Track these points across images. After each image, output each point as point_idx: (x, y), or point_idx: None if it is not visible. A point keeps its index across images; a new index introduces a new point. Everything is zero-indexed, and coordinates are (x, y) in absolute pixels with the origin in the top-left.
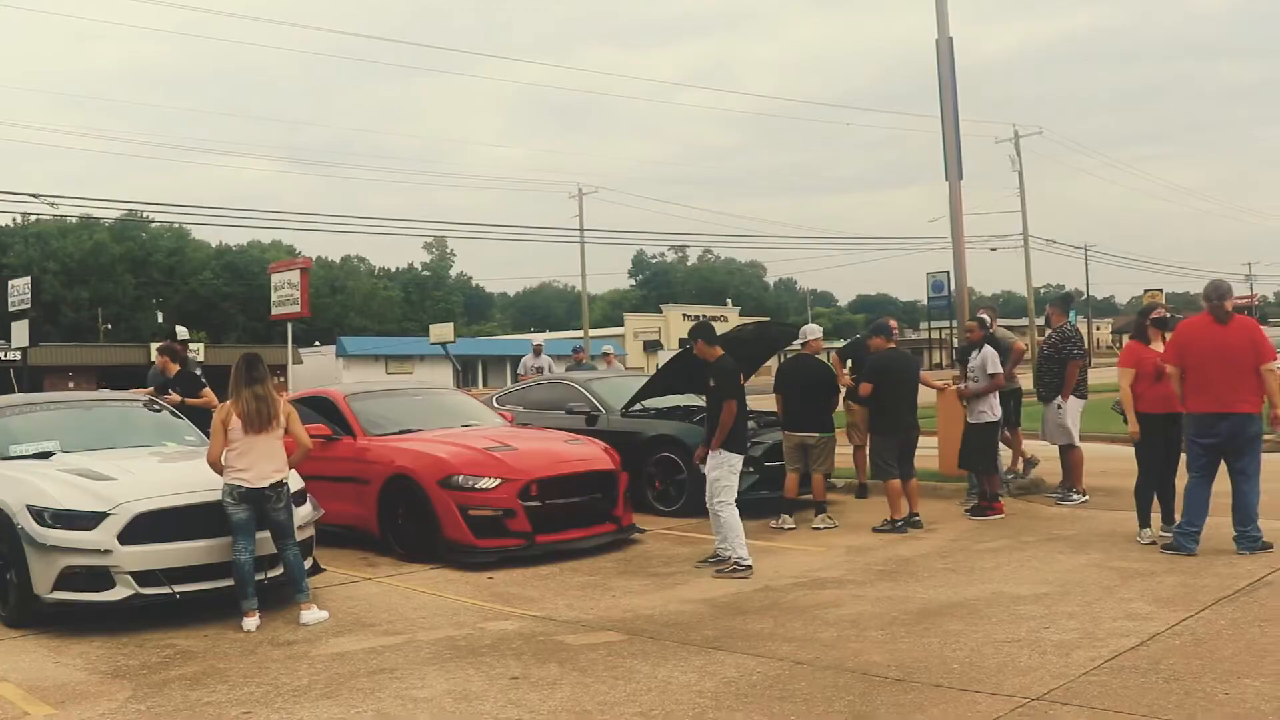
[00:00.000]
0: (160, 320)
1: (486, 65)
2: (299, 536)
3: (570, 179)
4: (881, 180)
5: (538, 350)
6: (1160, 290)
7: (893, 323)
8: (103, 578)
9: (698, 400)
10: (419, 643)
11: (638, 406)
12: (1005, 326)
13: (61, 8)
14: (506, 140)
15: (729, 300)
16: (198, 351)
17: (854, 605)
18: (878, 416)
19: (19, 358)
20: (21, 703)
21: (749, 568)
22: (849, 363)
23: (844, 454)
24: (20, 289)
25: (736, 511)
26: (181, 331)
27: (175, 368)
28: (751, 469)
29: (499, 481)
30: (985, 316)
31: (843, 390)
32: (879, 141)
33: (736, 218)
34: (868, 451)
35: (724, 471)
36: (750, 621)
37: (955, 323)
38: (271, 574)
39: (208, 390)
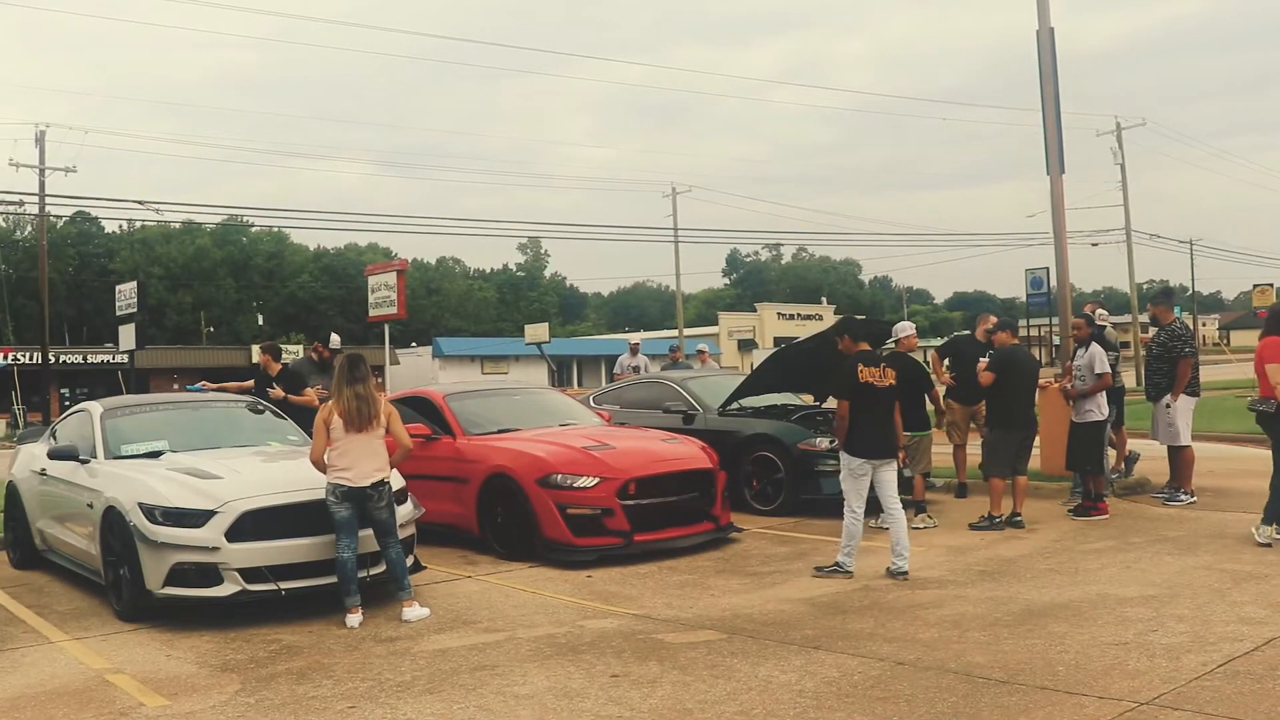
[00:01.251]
0: (260, 322)
1: (577, 65)
2: (400, 535)
3: (663, 178)
4: (979, 176)
5: (634, 349)
6: (1270, 285)
7: (992, 319)
8: (211, 574)
9: (795, 399)
10: (519, 640)
11: (735, 405)
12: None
13: (160, 19)
14: (599, 140)
15: (823, 298)
16: (296, 353)
17: (955, 606)
18: (998, 412)
19: (126, 360)
20: (137, 694)
21: (849, 573)
22: (947, 360)
23: (942, 453)
24: (127, 293)
25: (857, 519)
26: (334, 339)
27: (277, 366)
28: None
29: (597, 480)
30: (1099, 312)
31: (942, 389)
32: (976, 136)
33: (831, 215)
34: (985, 447)
35: (844, 474)
36: (850, 621)
37: (1056, 320)
38: (374, 571)
39: (309, 390)
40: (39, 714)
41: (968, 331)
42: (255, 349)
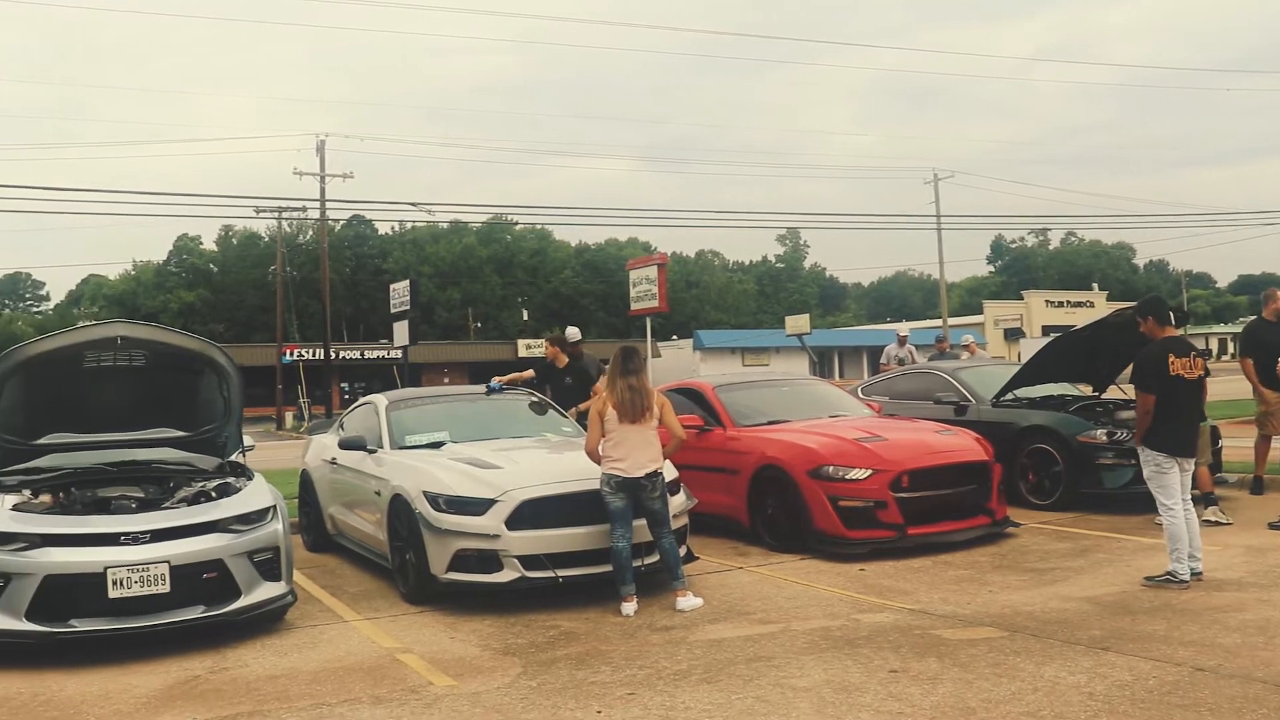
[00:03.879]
0: (525, 317)
1: (833, 53)
2: (674, 525)
3: (924, 164)
4: (1266, 150)
5: (902, 340)
6: None
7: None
8: (491, 560)
9: (1073, 389)
10: (794, 632)
11: (1009, 396)
12: None
13: (426, 29)
14: (856, 128)
15: (1094, 285)
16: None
17: (1259, 610)
18: None
19: (401, 355)
20: (425, 673)
21: (1182, 582)
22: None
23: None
24: (400, 292)
25: (1178, 517)
26: (573, 332)
27: (564, 359)
28: (1133, 461)
29: (870, 472)
30: None
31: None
32: (1262, 108)
33: (1101, 197)
34: None
35: (1150, 471)
36: (1140, 623)
37: None
38: (648, 561)
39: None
40: (339, 687)
41: (1254, 317)
42: (519, 342)
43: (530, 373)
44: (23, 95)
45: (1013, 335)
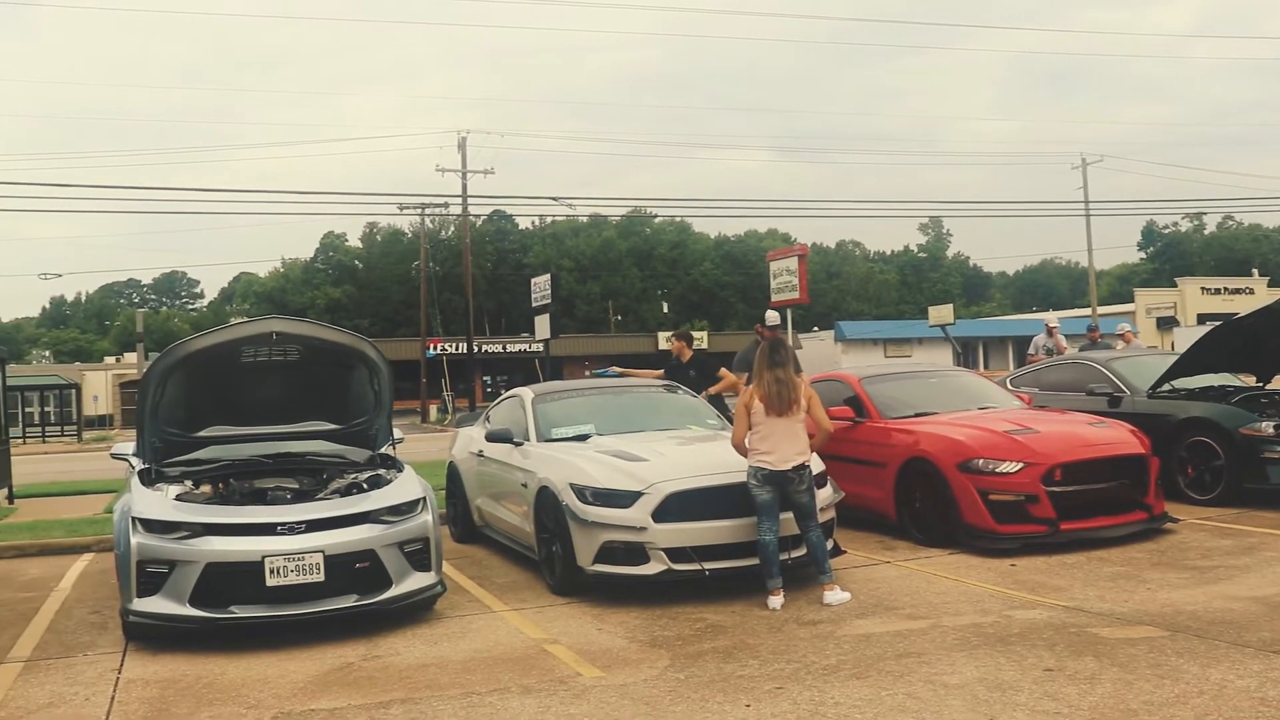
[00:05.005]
0: (665, 310)
1: (972, 38)
2: (821, 518)
3: (1070, 149)
4: None
5: (1051, 330)
6: None
7: None
8: (638, 553)
9: (1235, 380)
10: (944, 628)
11: (1167, 387)
12: None
13: (563, 24)
14: (999, 113)
15: (1254, 270)
16: (701, 340)
17: None
18: None
19: (542, 349)
20: (573, 664)
21: None
22: None
23: None
24: (541, 286)
25: None
26: (772, 316)
27: (689, 353)
28: None
29: (1021, 465)
30: None
31: None
32: None
33: (1263, 178)
34: None
35: None
36: None
37: None
38: (794, 554)
39: (724, 370)
40: (488, 677)
41: None
42: (659, 334)
43: (660, 373)
44: (178, 101)
45: (1166, 324)
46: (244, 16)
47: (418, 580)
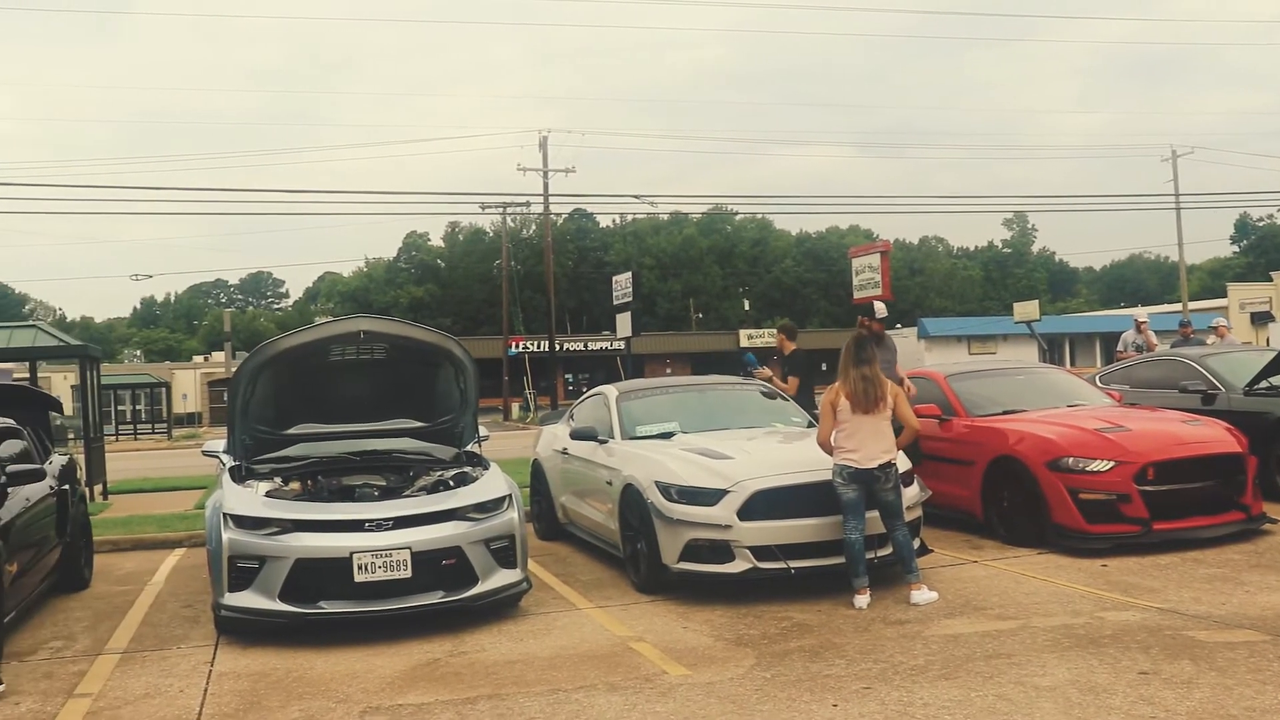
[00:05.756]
0: (746, 308)
1: (1056, 28)
2: (907, 517)
3: (1160, 141)
4: None
5: (1140, 326)
6: None
7: None
8: (723, 551)
9: None
10: (1034, 629)
11: (1264, 384)
12: None
13: (638, 21)
14: (1085, 105)
15: None
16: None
17: None
18: None
19: (623, 347)
20: (659, 661)
21: None
22: None
23: None
24: (622, 284)
25: None
26: (880, 308)
27: (792, 346)
28: None
29: (1112, 464)
30: None
31: None
32: None
33: None
34: None
35: None
36: None
37: None
38: (881, 553)
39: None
40: (574, 674)
41: None
42: (740, 332)
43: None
44: (263, 104)
45: (1260, 319)
46: (326, 19)
47: (503, 577)
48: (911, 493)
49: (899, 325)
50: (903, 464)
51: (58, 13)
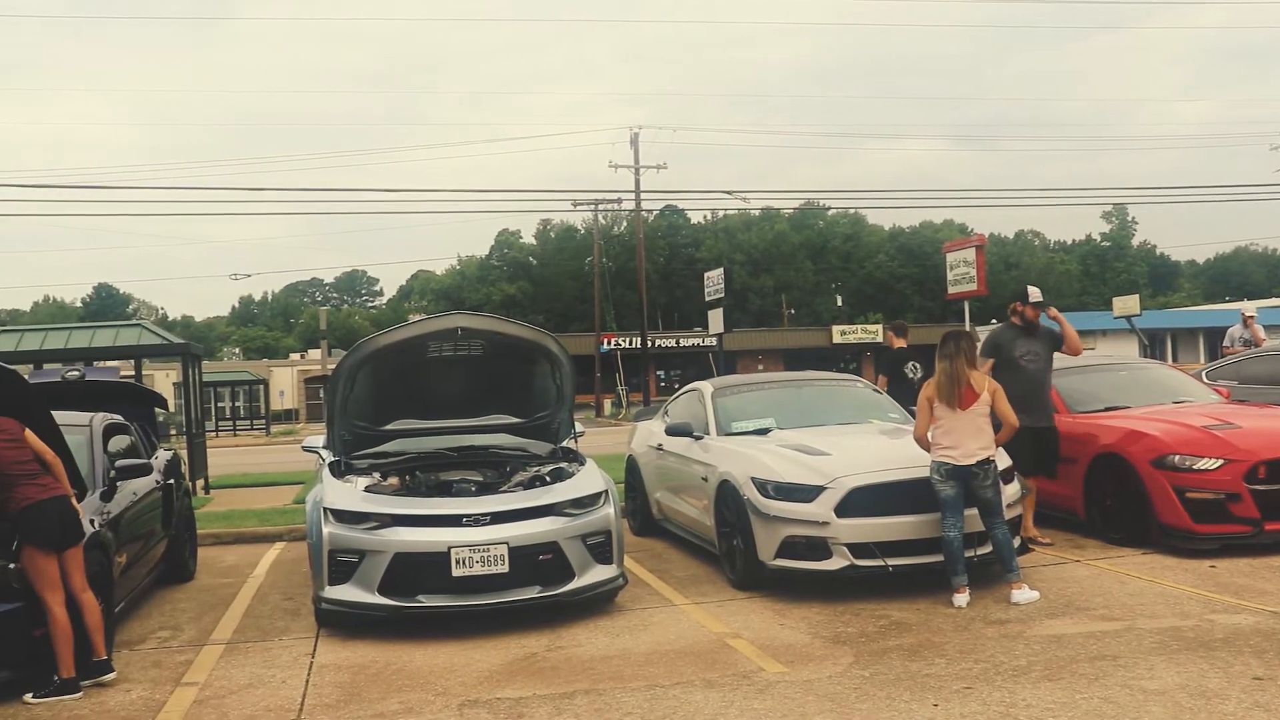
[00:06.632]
0: (839, 303)
1: (1154, 15)
2: (1007, 515)
3: (1268, 129)
4: None
5: (1248, 320)
6: None
7: None
8: (820, 548)
9: None
10: (1140, 631)
11: None
12: None
13: (728, 15)
14: (1185, 94)
15: None
16: (875, 333)
17: None
18: None
19: (715, 343)
20: (756, 658)
21: None
22: None
23: None
24: (714, 280)
25: None
26: (1033, 292)
27: (900, 342)
28: None
29: (1221, 462)
30: None
31: None
32: None
33: None
34: None
35: None
36: None
37: None
38: (980, 551)
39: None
40: (670, 670)
41: None
42: (833, 328)
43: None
44: (356, 105)
45: None
46: (418, 20)
47: (600, 573)
48: (1012, 490)
49: (994, 321)
50: (1002, 461)
51: (159, 19)
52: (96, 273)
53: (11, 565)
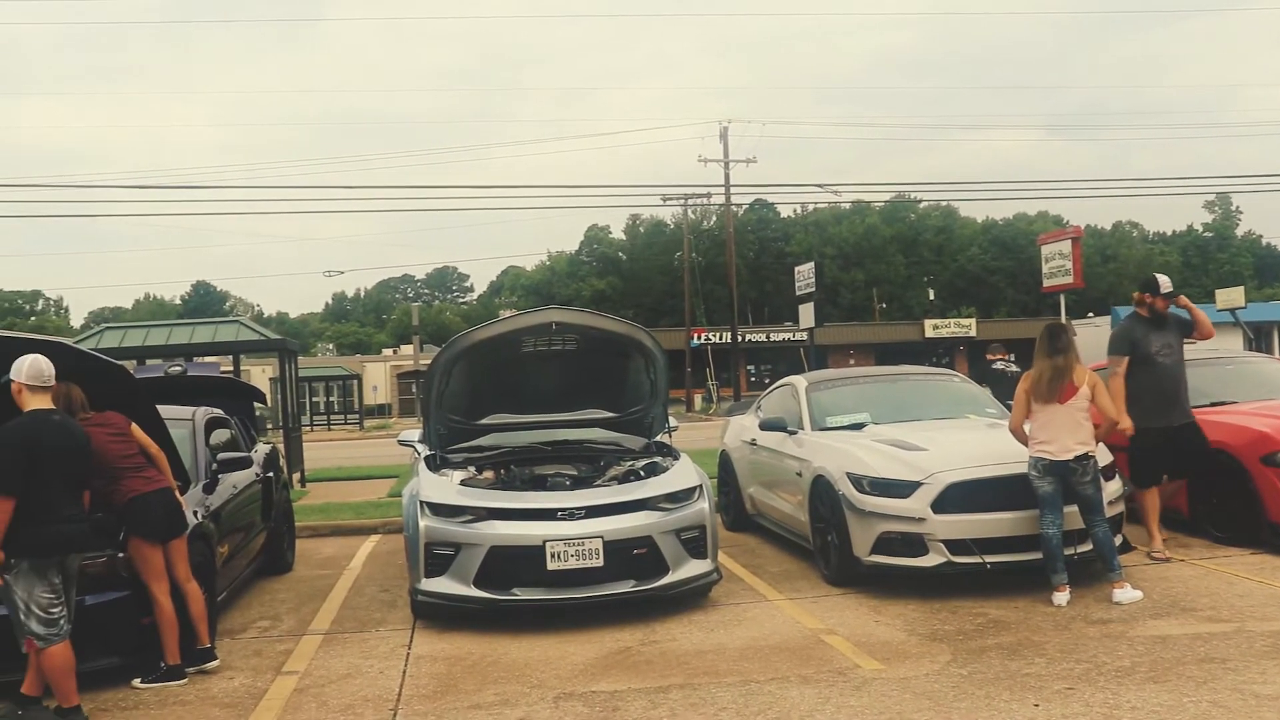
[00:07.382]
0: (931, 297)
1: None
2: (1109, 512)
3: None
4: None
5: None
6: None
7: None
8: (916, 544)
9: None
10: (1250, 633)
11: None
12: None
13: (817, 8)
14: None
15: None
16: (969, 327)
17: None
18: None
19: (806, 338)
20: (852, 655)
21: None
22: None
23: None
24: (805, 274)
25: None
26: (1164, 281)
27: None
28: None
29: None
30: None
31: None
32: None
33: None
34: None
35: None
36: None
37: None
38: (1080, 549)
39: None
40: (765, 665)
41: None
42: (925, 322)
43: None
44: (447, 104)
45: None
46: (505, 18)
47: (694, 567)
48: (1113, 487)
49: (1091, 314)
50: (1103, 457)
51: (251, 23)
52: (194, 270)
53: (119, 555)
